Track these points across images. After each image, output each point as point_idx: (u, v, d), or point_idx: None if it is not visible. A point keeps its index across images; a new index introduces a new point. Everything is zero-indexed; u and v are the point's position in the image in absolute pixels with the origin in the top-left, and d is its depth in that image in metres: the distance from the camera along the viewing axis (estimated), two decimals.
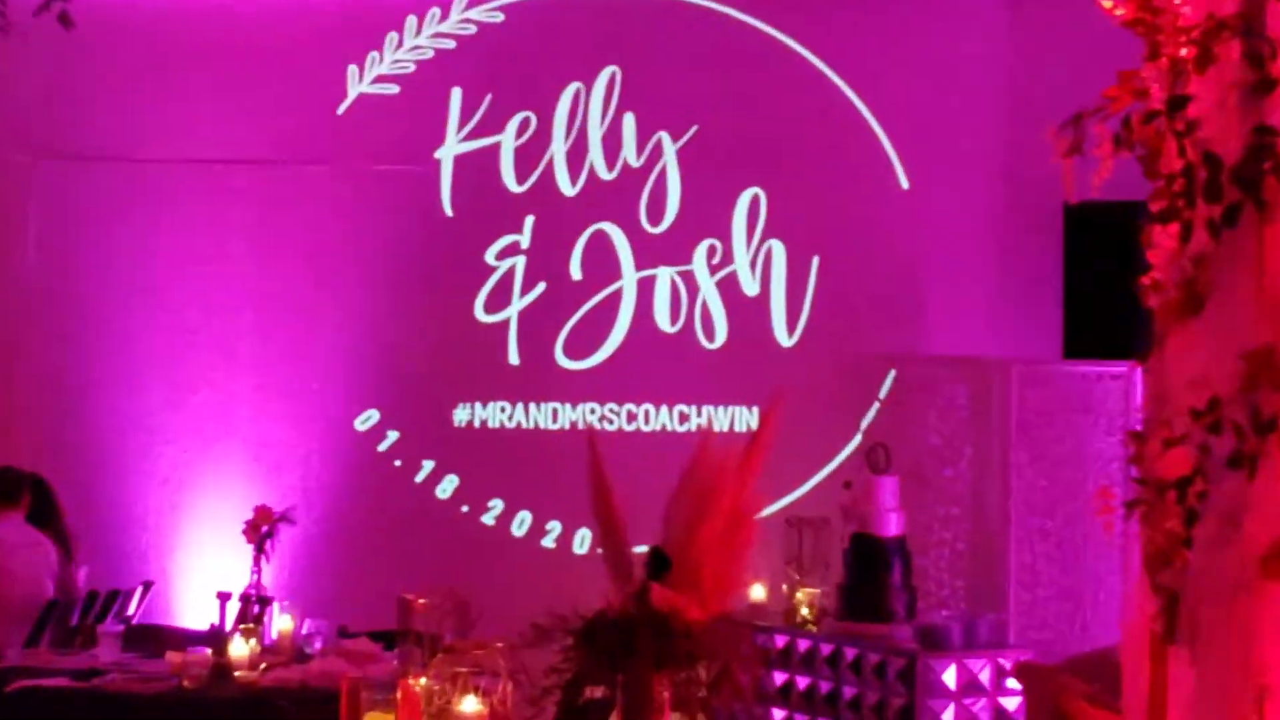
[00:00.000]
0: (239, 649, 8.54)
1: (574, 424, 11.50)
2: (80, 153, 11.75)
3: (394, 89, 11.86)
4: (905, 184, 11.63)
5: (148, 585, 10.73)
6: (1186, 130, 4.72)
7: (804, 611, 10.53)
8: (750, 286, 11.73)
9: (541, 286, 11.79)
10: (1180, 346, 4.85)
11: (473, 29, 11.82)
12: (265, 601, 9.02)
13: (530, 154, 11.82)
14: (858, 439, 11.35)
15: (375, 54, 11.81)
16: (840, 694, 10.21)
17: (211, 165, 11.79)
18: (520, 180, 11.83)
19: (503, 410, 11.79)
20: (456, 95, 11.83)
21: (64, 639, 9.36)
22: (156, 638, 9.14)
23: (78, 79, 11.40)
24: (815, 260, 11.68)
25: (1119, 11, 5.26)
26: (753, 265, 11.72)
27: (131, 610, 10.17)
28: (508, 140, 11.83)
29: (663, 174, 11.78)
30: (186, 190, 11.84)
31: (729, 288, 11.73)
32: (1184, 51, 4.87)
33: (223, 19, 11.74)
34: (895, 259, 11.59)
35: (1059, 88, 5.75)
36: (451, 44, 11.83)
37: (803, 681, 10.42)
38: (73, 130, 11.73)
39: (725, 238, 11.74)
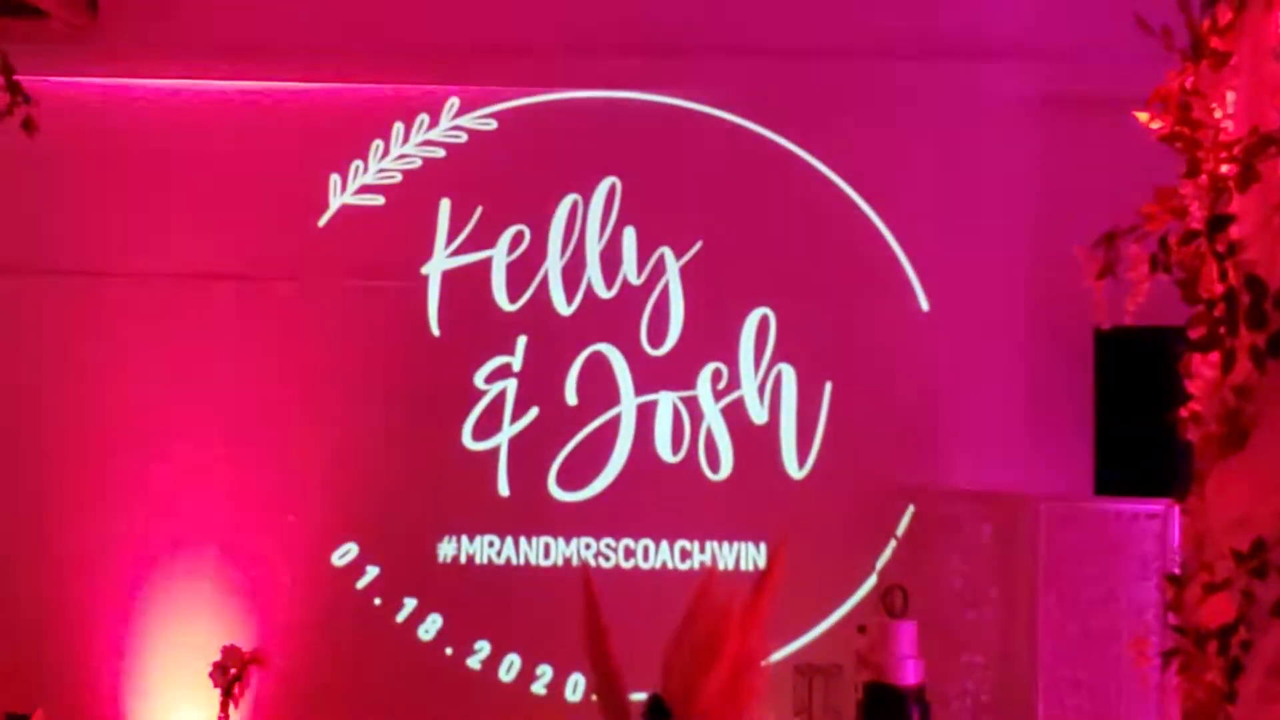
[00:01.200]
0: None
1: (568, 560, 11.43)
2: (44, 267, 11.72)
3: (379, 200, 11.84)
4: (925, 306, 11.62)
5: None
6: (1228, 252, 4.71)
7: None
8: (758, 414, 11.70)
9: (534, 412, 11.75)
10: (1222, 484, 4.82)
11: (464, 137, 11.82)
12: None
13: (524, 270, 11.79)
14: (873, 580, 11.30)
15: (359, 163, 11.80)
16: None
17: (183, 280, 11.75)
18: (513, 298, 11.80)
19: (491, 545, 11.72)
20: (445, 207, 11.81)
21: None
22: None
23: (41, 189, 11.37)
24: (828, 386, 11.65)
25: (1156, 125, 5.25)
26: (761, 391, 11.69)
27: None
28: (499, 255, 11.80)
29: (665, 292, 11.76)
30: (156, 307, 11.80)
31: (735, 415, 11.70)
32: (1225, 168, 4.86)
33: (198, 124, 11.75)
34: (914, 386, 11.55)
35: (1091, 206, 5.71)
36: (441, 153, 11.83)
37: None
38: (35, 243, 11.70)
39: (732, 361, 11.71)
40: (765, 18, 11.39)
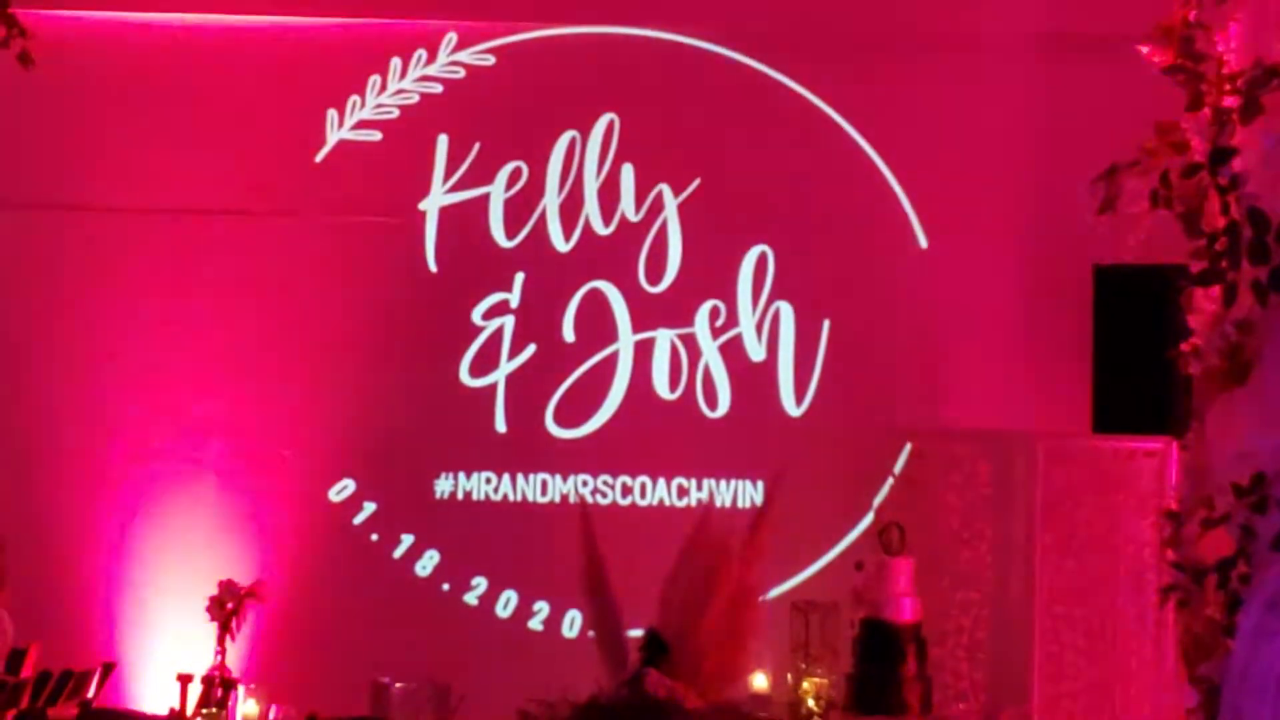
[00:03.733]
0: None
1: (565, 497, 11.42)
2: (42, 201, 11.71)
3: (376, 135, 11.82)
4: (924, 243, 11.59)
5: (108, 667, 10.63)
6: (1231, 185, 4.69)
7: (810, 703, 10.52)
8: (756, 351, 11.69)
9: (531, 349, 11.74)
10: (1222, 419, 4.81)
11: (461, 73, 11.79)
12: (230, 685, 8.99)
13: (521, 206, 11.77)
14: (870, 518, 11.29)
15: (356, 98, 11.78)
16: None
17: (180, 215, 11.73)
18: (510, 235, 11.79)
19: (488, 481, 11.72)
20: (443, 143, 11.79)
21: None
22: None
23: (39, 124, 11.36)
24: (826, 324, 11.64)
25: (1158, 58, 5.23)
26: (759, 329, 11.68)
27: (90, 693, 10.09)
28: (497, 191, 11.79)
29: (663, 229, 11.73)
30: (153, 241, 11.78)
31: (733, 352, 11.69)
32: (1228, 101, 4.84)
33: (194, 59, 11.71)
34: (912, 324, 11.53)
35: (1092, 142, 5.71)
36: (438, 88, 11.81)
37: None
38: (34, 178, 11.68)
39: (730, 299, 11.70)
40: None
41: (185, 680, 9.08)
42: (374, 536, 11.75)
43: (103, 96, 11.61)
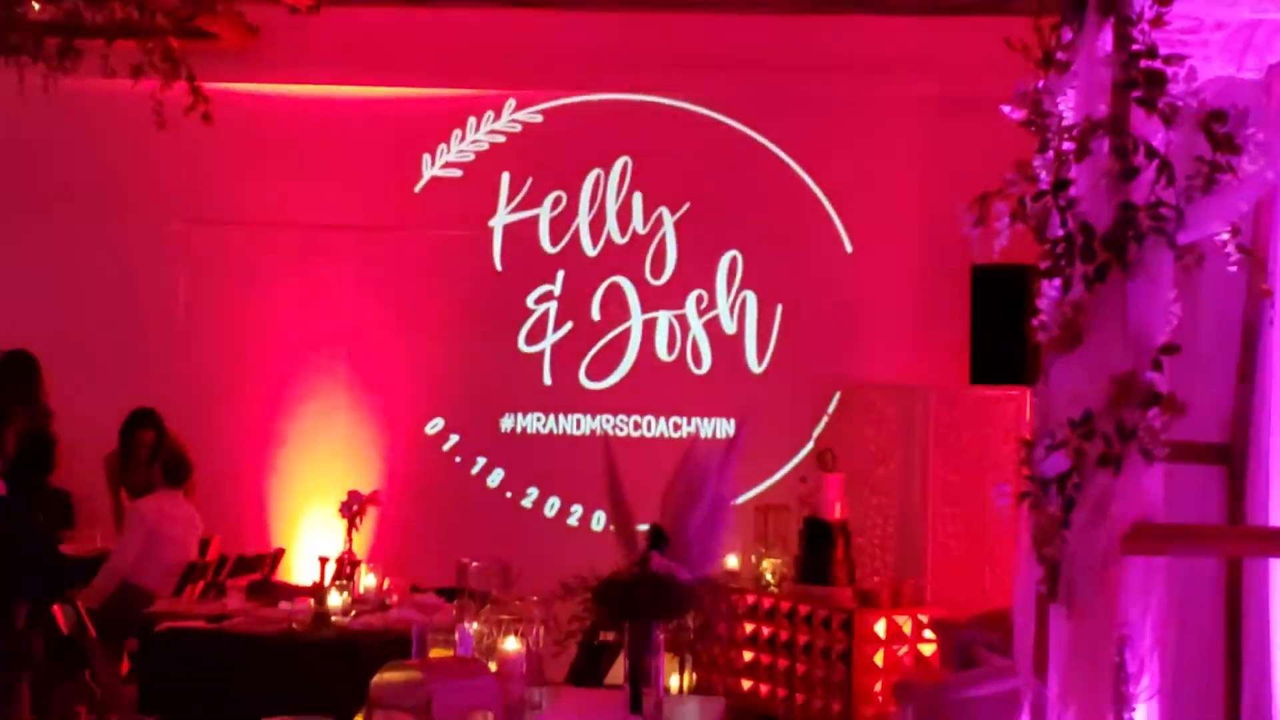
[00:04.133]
0: (335, 600, 8.50)
1: (593, 431, 11.47)
2: (217, 218, 11.73)
3: (458, 173, 11.85)
4: (849, 248, 11.62)
5: (279, 553, 10.70)
6: (1068, 206, 4.68)
7: (768, 577, 10.50)
8: (729, 326, 11.71)
9: (569, 325, 11.77)
10: (1061, 373, 4.81)
11: (518, 127, 11.81)
12: (355, 563, 8.98)
13: (561, 223, 11.81)
14: (810, 445, 11.33)
15: (444, 145, 11.80)
16: (795, 641, 10.17)
17: (319, 230, 11.77)
18: (553, 243, 11.82)
19: (539, 419, 11.77)
20: (505, 178, 11.81)
21: (202, 591, 9.34)
22: (272, 591, 9.11)
23: (218, 162, 11.37)
24: (779, 307, 11.67)
25: (1016, 115, 5.21)
26: (731, 310, 11.70)
27: (263, 571, 10.12)
28: (544, 212, 11.81)
29: (663, 239, 11.76)
30: (300, 248, 11.82)
31: (713, 327, 11.73)
32: (1066, 145, 4.83)
33: (332, 116, 11.77)
34: (841, 306, 11.60)
35: (970, 175, 5.68)
36: (502, 138, 11.82)
37: (766, 630, 10.39)
38: (212, 200, 11.72)
39: (710, 289, 11.72)
40: (733, 42, 11.34)
41: (323, 561, 9.05)
42: (457, 459, 11.80)
43: (264, 145, 11.61)
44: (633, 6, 11.29)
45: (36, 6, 9.16)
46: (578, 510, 11.47)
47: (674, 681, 6.59)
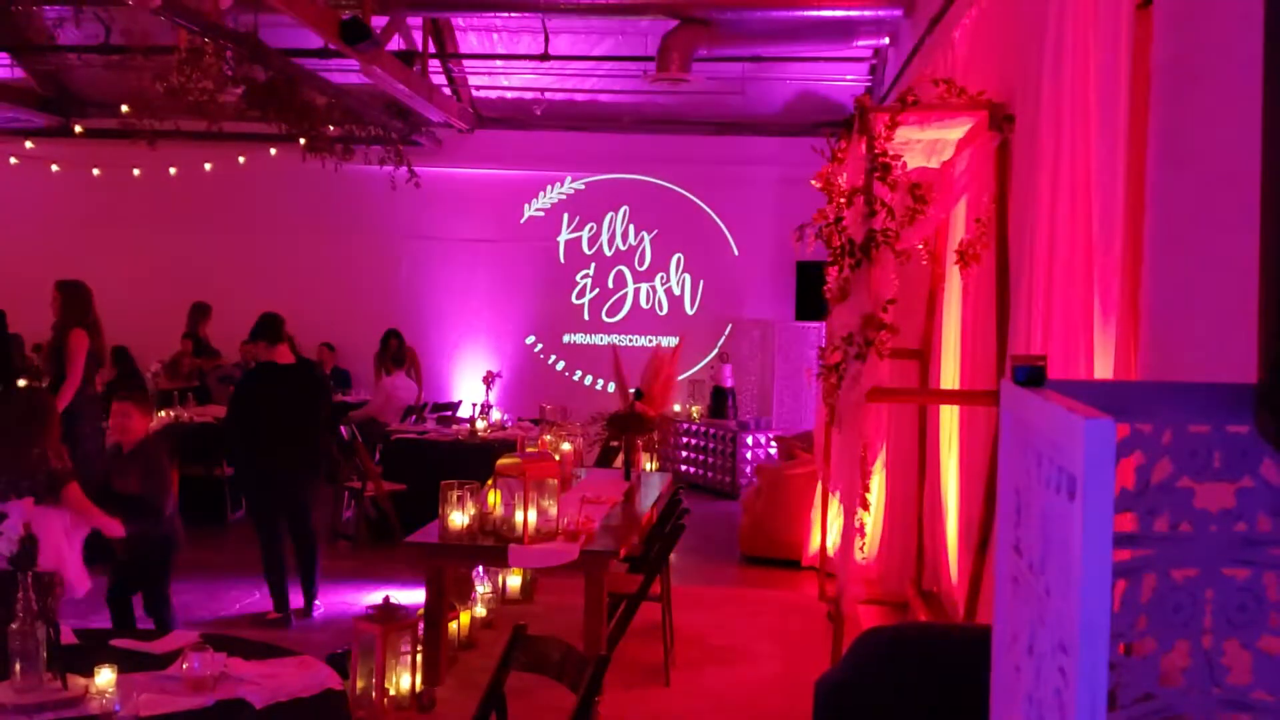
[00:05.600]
0: (480, 424, 8.56)
1: (611, 344, 11.38)
2: (421, 236, 11.70)
3: (542, 214, 11.77)
4: (736, 252, 11.57)
5: (458, 403, 10.72)
6: (842, 232, 4.68)
7: (693, 414, 10.58)
8: (676, 290, 11.65)
9: (597, 290, 11.73)
10: (838, 313, 4.82)
11: (572, 190, 11.74)
12: (489, 406, 9.04)
13: (593, 239, 11.73)
14: (715, 351, 11.35)
15: (535, 200, 11.74)
16: (707, 446, 10.23)
17: (473, 242, 11.73)
18: (589, 248, 11.74)
19: (582, 336, 11.70)
20: (565, 216, 11.75)
21: (414, 422, 9.35)
22: (451, 419, 9.15)
23: (422, 207, 11.29)
24: (702, 282, 11.61)
25: (819, 185, 5.20)
26: (678, 283, 11.66)
27: (452, 411, 10.12)
28: (585, 234, 11.73)
29: (644, 246, 11.69)
30: (461, 251, 11.77)
31: (669, 292, 11.67)
32: (841, 200, 4.83)
33: (481, 184, 11.67)
34: (733, 281, 11.54)
35: (796, 214, 5.71)
36: (564, 196, 11.74)
37: (693, 440, 10.45)
38: (418, 227, 11.66)
39: (667, 272, 11.67)
40: (678, 146, 11.28)
41: (475, 405, 9.13)
42: (540, 355, 11.80)
43: (447, 197, 11.53)
44: (628, 130, 11.26)
45: (331, 129, 9.15)
46: (600, 381, 11.49)
47: (647, 465, 6.63)
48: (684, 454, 10.64)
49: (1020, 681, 1.15)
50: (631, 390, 6.44)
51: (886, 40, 9.02)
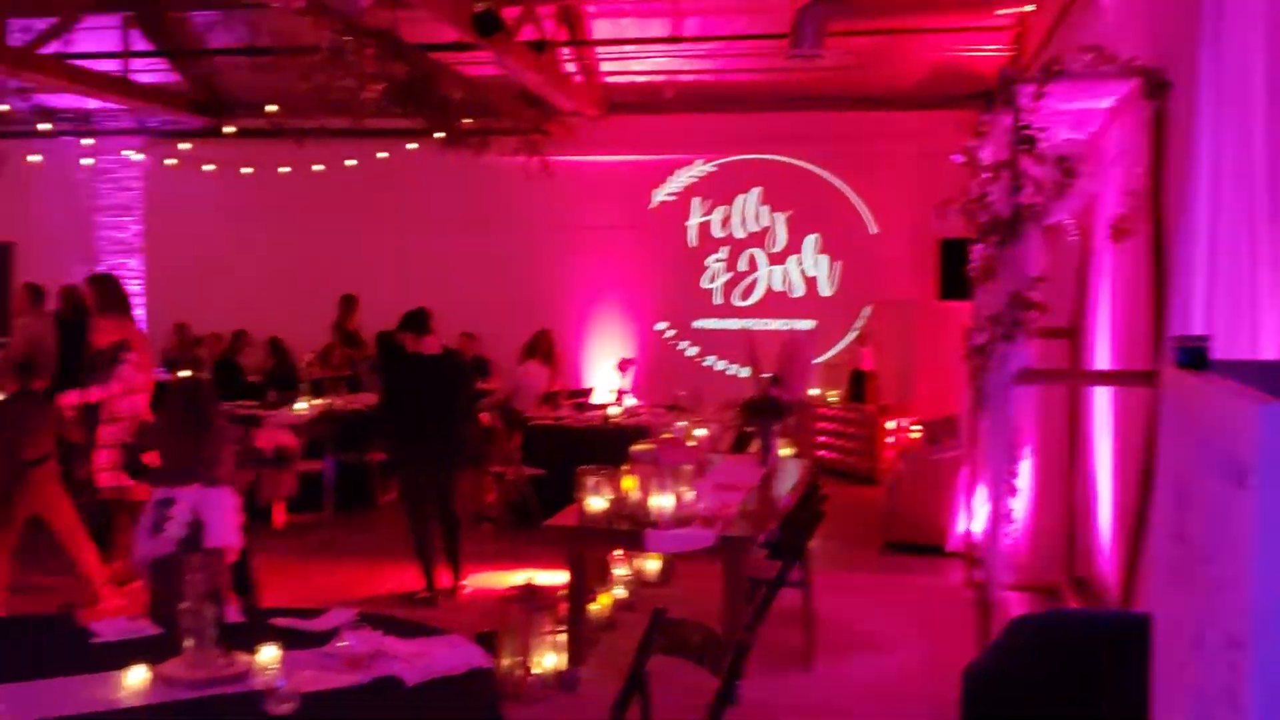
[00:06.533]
0: (614, 410, 8.65)
1: (743, 328, 11.31)
2: (561, 224, 11.83)
3: (673, 198, 11.78)
4: (875, 231, 11.35)
5: (590, 390, 10.74)
6: (987, 208, 4.58)
7: (831, 398, 10.49)
8: (811, 272, 11.51)
9: (729, 274, 11.68)
10: (984, 292, 4.72)
11: (703, 173, 11.71)
12: (623, 392, 9.11)
13: (724, 221, 11.66)
14: (854, 333, 11.16)
15: (665, 184, 11.77)
16: (845, 431, 10.08)
17: (605, 229, 11.79)
18: (721, 230, 11.69)
19: (714, 321, 11.66)
20: (696, 201, 11.73)
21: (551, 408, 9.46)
22: (585, 406, 9.24)
23: (550, 192, 11.39)
24: (840, 263, 11.44)
25: (960, 160, 5.08)
26: (814, 264, 11.51)
27: (582, 397, 10.21)
28: (716, 216, 11.69)
29: (775, 228, 11.58)
30: (596, 238, 11.86)
31: (804, 274, 11.53)
32: (987, 175, 4.71)
33: (611, 171, 11.73)
34: (871, 261, 11.31)
35: (942, 189, 5.56)
36: (695, 179, 11.73)
37: (830, 425, 10.32)
38: (554, 217, 11.80)
39: (802, 253, 11.53)
40: (811, 124, 11.09)
41: (610, 392, 9.20)
42: (671, 341, 11.82)
43: (579, 186, 11.63)
44: (760, 109, 11.13)
45: (467, 122, 9.35)
46: (733, 367, 11.44)
47: (784, 451, 6.61)
48: (822, 439, 10.53)
49: (1185, 675, 1.11)
50: (766, 375, 6.40)
51: (1030, 7, 8.72)
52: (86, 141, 12.00)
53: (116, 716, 2.62)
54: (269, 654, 2.85)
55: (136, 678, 2.76)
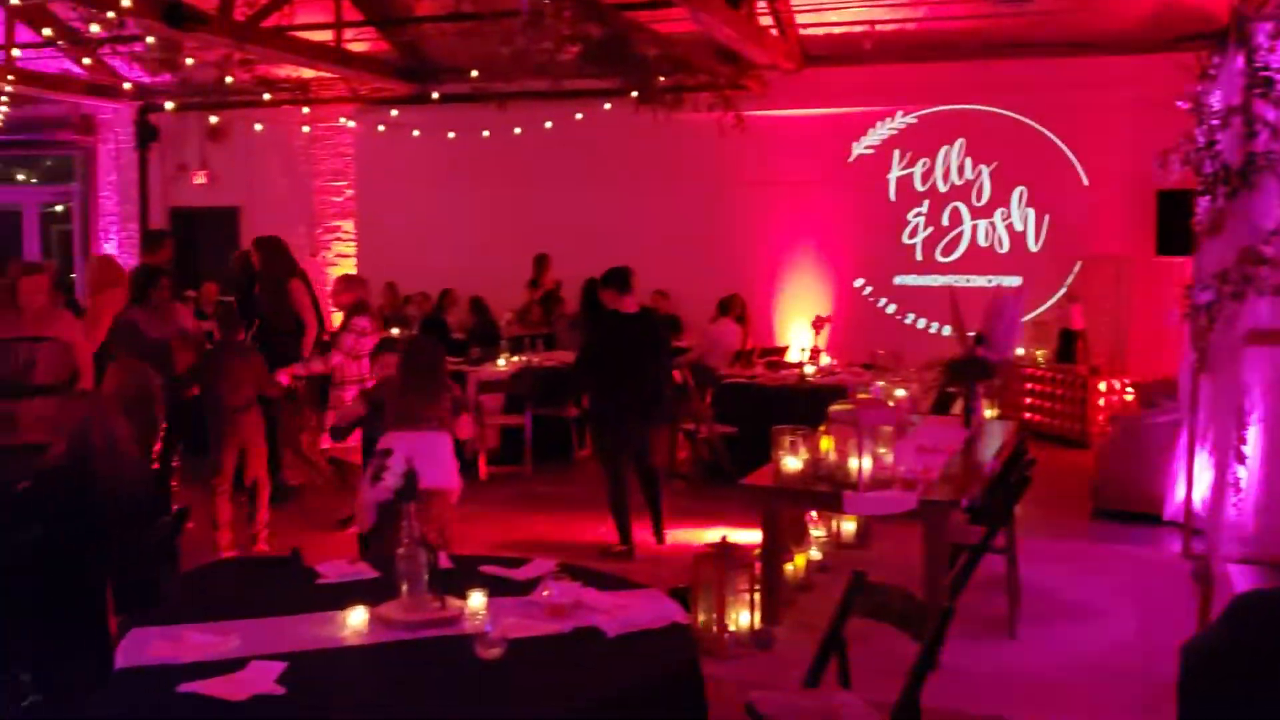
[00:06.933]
0: (809, 369, 8.57)
1: (946, 285, 10.90)
2: (755, 180, 11.74)
3: (871, 151, 11.50)
4: (1086, 182, 10.79)
5: (786, 347, 10.71)
6: (1215, 157, 4.30)
7: (1039, 358, 10.12)
8: (1018, 226, 11.04)
9: (931, 229, 11.34)
10: (1210, 248, 4.45)
11: (903, 125, 11.38)
12: (818, 351, 9.01)
13: (926, 175, 11.31)
14: (1063, 290, 10.65)
15: (864, 138, 11.49)
16: (1054, 394, 9.67)
17: (800, 184, 11.64)
18: (922, 184, 11.35)
19: (915, 278, 11.35)
20: (896, 153, 11.41)
21: (743, 366, 9.41)
22: (779, 364, 9.17)
23: (745, 148, 11.32)
24: (1047, 216, 10.92)
25: (1185, 106, 4.79)
26: (1022, 219, 11.04)
27: (776, 355, 10.19)
28: (917, 170, 11.34)
29: (981, 180, 11.15)
30: (789, 193, 11.71)
31: (1009, 228, 11.08)
32: (1214, 122, 4.42)
33: (807, 125, 11.54)
34: (1082, 215, 10.75)
35: (1162, 138, 5.24)
36: (895, 131, 11.40)
37: (1037, 387, 9.95)
38: (747, 172, 11.72)
39: (1007, 206, 11.08)
40: (1015, 71, 10.59)
41: (806, 351, 9.08)
42: (871, 300, 11.58)
43: (775, 141, 11.49)
44: (964, 58, 10.69)
45: (662, 80, 9.39)
46: (935, 325, 11.12)
47: (988, 413, 6.41)
48: (1028, 400, 10.15)
49: None
50: (971, 334, 6.20)
51: None
52: (304, 110, 12.64)
53: (340, 654, 2.80)
54: (477, 600, 2.99)
55: (357, 619, 2.95)
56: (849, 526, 6.41)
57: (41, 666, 3.04)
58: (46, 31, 10.35)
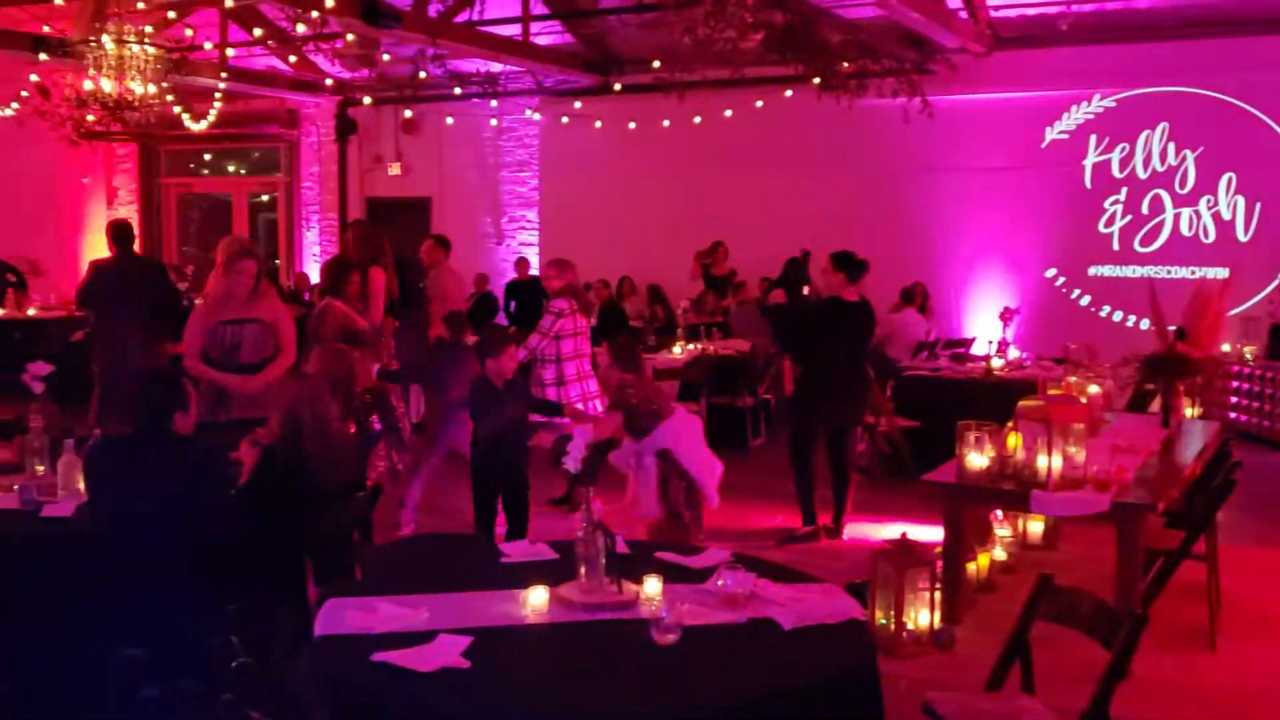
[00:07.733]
0: (996, 362, 8.27)
1: (1146, 276, 10.38)
2: (941, 167, 11.41)
3: (1066, 136, 11.02)
4: None
5: (973, 339, 10.29)
6: None
7: (1247, 355, 9.55)
8: (1226, 215, 10.41)
9: (1129, 217, 10.80)
10: None
11: (1101, 109, 10.87)
12: (1007, 344, 8.68)
13: (1124, 161, 10.78)
14: (1276, 282, 10.01)
15: (1058, 122, 11.04)
16: (1263, 392, 9.08)
17: (987, 171, 11.22)
18: (1121, 170, 10.81)
19: (1111, 269, 10.83)
20: (1092, 138, 10.91)
21: (926, 358, 9.18)
22: (964, 356, 8.90)
23: (931, 134, 10.96)
24: (1258, 205, 10.26)
25: None
26: (1230, 207, 10.39)
27: (962, 347, 9.82)
28: (1115, 155, 10.81)
29: (1185, 167, 10.55)
30: (974, 181, 11.32)
31: (1216, 217, 10.45)
32: None
33: (997, 110, 11.14)
34: None
35: None
36: (1091, 116, 10.91)
37: (1244, 385, 9.35)
38: (930, 158, 11.40)
39: (1214, 194, 10.44)
40: (1216, 49, 9.97)
41: (989, 343, 8.78)
42: (1064, 291, 11.09)
43: (961, 130, 11.16)
44: (1168, 37, 10.14)
45: (846, 65, 9.25)
46: (1132, 319, 10.61)
47: (1189, 411, 6.08)
48: (1234, 400, 9.56)
49: None
50: (1172, 328, 5.89)
51: None
52: (492, 103, 13.00)
53: (521, 631, 2.90)
54: (653, 586, 3.02)
55: (538, 598, 3.03)
56: (1036, 527, 6.19)
57: (247, 631, 3.24)
58: (257, 31, 10.98)
